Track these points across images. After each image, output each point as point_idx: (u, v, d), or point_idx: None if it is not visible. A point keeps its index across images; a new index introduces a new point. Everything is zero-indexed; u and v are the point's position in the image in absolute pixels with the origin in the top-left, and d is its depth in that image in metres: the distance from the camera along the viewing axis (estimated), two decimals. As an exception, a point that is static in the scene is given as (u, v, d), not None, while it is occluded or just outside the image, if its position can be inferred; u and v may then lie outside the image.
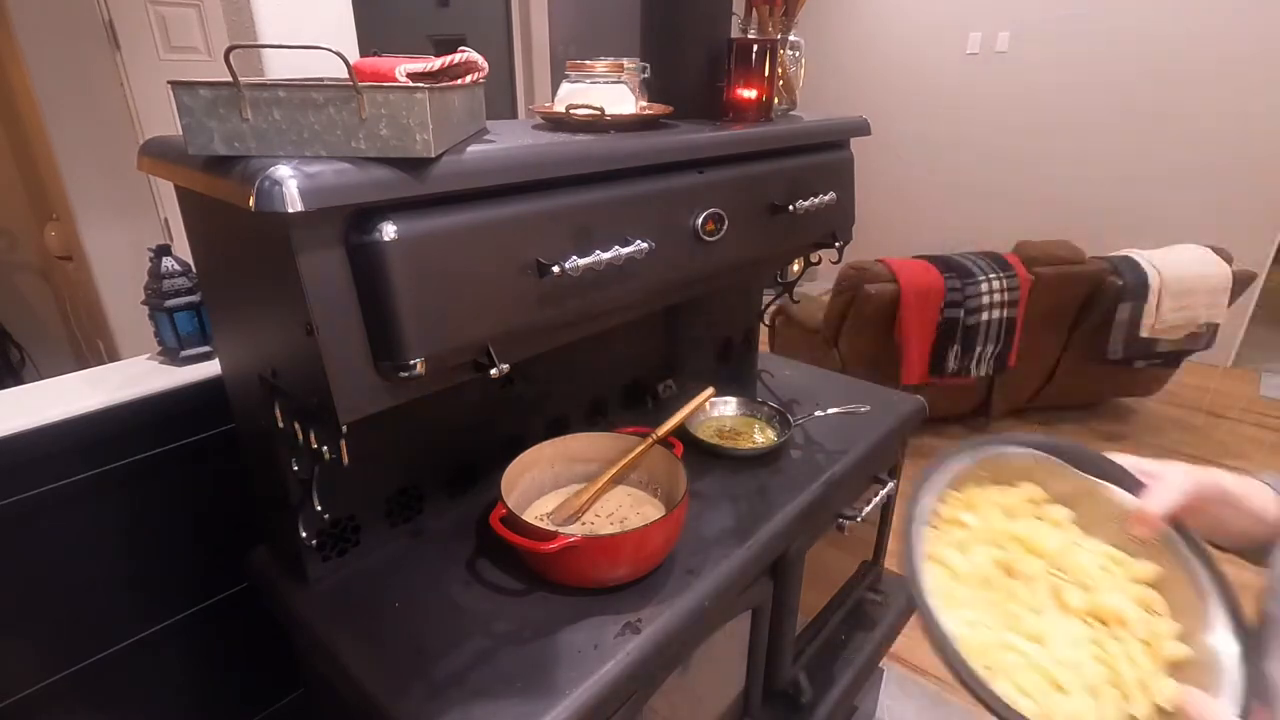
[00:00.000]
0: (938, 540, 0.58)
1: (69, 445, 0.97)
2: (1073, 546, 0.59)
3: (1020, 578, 0.57)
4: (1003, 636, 0.52)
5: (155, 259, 1.10)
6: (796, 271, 1.78)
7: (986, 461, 0.62)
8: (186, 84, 0.60)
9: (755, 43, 1.10)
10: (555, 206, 0.80)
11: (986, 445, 0.63)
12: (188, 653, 1.17)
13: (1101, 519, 0.61)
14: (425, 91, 0.62)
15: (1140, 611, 0.55)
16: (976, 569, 0.57)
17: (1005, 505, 0.61)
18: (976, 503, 0.61)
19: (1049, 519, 0.61)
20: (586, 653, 0.85)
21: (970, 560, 0.57)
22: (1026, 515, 0.61)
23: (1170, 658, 0.52)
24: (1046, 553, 0.58)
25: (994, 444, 0.63)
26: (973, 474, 0.62)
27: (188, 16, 2.32)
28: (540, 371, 1.09)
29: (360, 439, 0.74)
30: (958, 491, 0.62)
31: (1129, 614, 0.55)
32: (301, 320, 0.65)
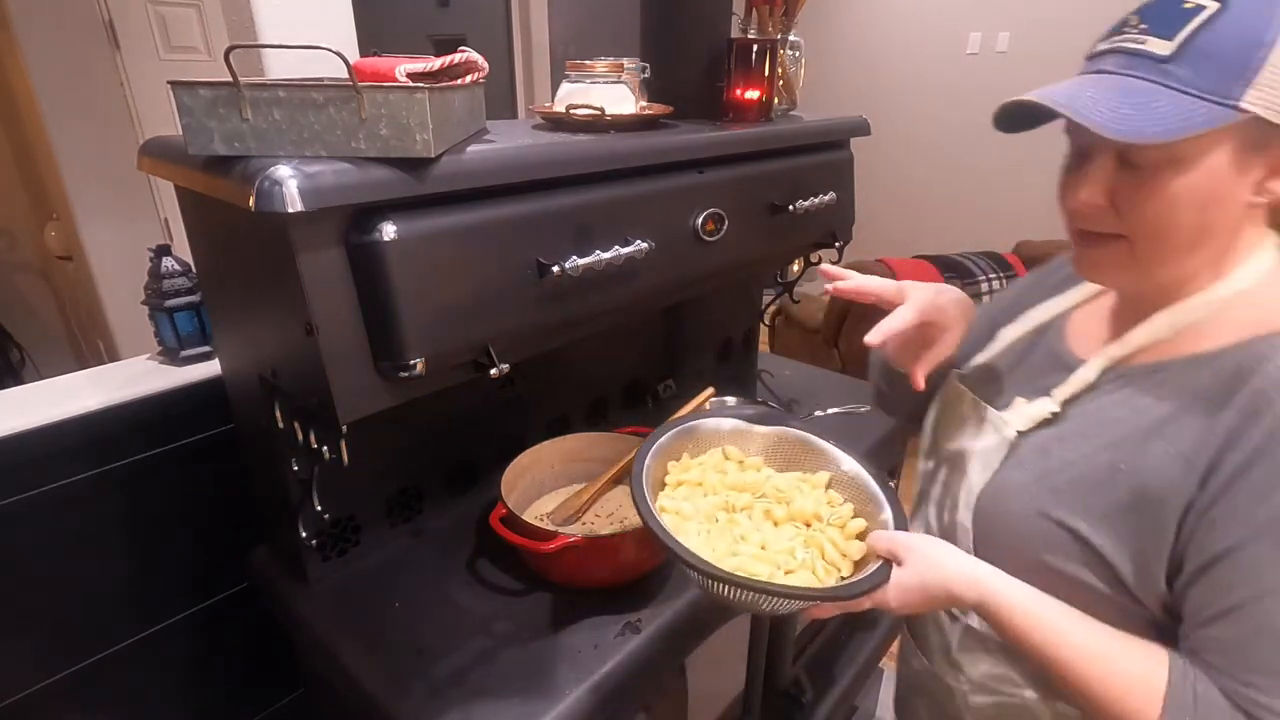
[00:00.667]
0: (670, 497, 0.71)
1: (69, 445, 0.97)
2: (770, 478, 0.76)
3: (738, 510, 0.72)
4: (734, 548, 0.67)
5: (155, 259, 1.10)
6: (796, 271, 1.78)
7: (683, 434, 0.78)
8: (186, 84, 0.60)
9: (755, 43, 1.10)
10: (555, 206, 0.80)
11: (683, 422, 0.79)
12: (188, 653, 1.17)
13: (790, 459, 0.80)
14: (425, 91, 0.62)
15: (827, 507, 0.73)
16: (702, 511, 0.71)
17: (713, 464, 0.77)
18: (690, 466, 0.76)
19: (749, 466, 0.78)
20: (586, 653, 0.85)
21: (696, 506, 0.71)
22: (733, 468, 0.78)
23: (854, 530, 0.70)
24: (749, 485, 0.74)
25: (689, 420, 0.79)
26: (678, 446, 0.77)
27: (188, 16, 2.32)
28: (540, 371, 1.09)
29: (360, 439, 0.74)
30: (675, 461, 0.77)
31: (821, 510, 0.72)
32: (301, 320, 0.65)
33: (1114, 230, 0.55)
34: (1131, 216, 0.53)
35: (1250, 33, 0.47)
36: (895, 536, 0.63)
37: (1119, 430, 0.56)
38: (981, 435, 0.67)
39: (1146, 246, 0.54)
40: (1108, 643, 0.54)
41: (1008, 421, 0.64)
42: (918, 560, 0.60)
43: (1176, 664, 0.52)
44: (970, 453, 0.67)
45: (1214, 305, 0.55)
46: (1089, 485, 0.56)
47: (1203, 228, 0.52)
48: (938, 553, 0.61)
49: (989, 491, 0.63)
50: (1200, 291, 0.55)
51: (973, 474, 0.66)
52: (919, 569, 0.60)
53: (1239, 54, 0.47)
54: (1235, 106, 0.47)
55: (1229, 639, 0.50)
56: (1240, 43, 0.47)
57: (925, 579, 0.59)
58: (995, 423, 0.65)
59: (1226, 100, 0.47)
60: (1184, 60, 0.48)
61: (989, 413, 0.67)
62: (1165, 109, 0.48)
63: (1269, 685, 0.48)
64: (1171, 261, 0.54)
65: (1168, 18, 0.49)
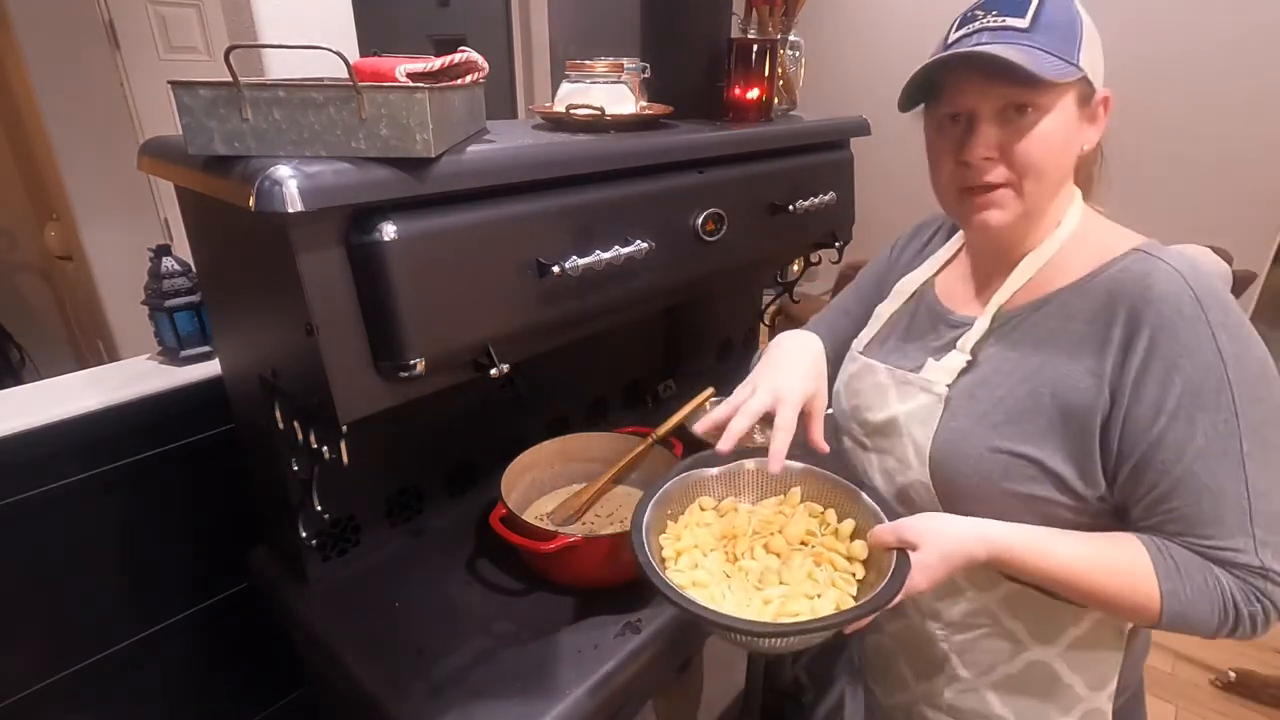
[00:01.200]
0: (680, 572, 0.69)
1: (69, 445, 0.97)
2: (751, 513, 0.77)
3: (740, 557, 0.73)
4: (764, 595, 0.67)
5: (155, 259, 1.10)
6: (796, 271, 1.78)
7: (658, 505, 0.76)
8: (186, 84, 0.60)
9: (755, 43, 1.10)
10: (555, 206, 0.80)
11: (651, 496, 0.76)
12: (188, 653, 1.17)
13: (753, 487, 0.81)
14: (425, 91, 0.62)
15: (815, 520, 0.75)
16: (714, 573, 0.70)
17: (695, 521, 0.77)
18: (679, 534, 0.75)
19: (725, 509, 0.78)
20: (586, 653, 0.85)
21: (708, 570, 0.70)
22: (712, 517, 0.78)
23: (847, 531, 0.72)
24: (737, 529, 0.75)
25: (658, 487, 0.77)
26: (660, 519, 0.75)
27: (188, 16, 2.32)
28: (540, 371, 1.09)
29: (360, 439, 0.74)
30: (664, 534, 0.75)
31: (812, 525, 0.74)
32: (301, 320, 0.65)
33: (1003, 179, 0.65)
34: (1018, 161, 0.63)
35: (1067, 12, 0.61)
36: (898, 526, 0.66)
37: (1029, 363, 0.66)
38: (909, 398, 0.73)
39: (1030, 186, 0.64)
40: (1095, 545, 0.62)
41: (933, 381, 0.71)
42: (930, 538, 0.63)
43: (1149, 542, 0.61)
44: (902, 416, 0.73)
45: (1061, 245, 0.67)
46: (1021, 414, 0.65)
47: (1064, 167, 0.65)
48: (942, 525, 0.65)
49: (938, 444, 0.70)
50: (1047, 238, 0.68)
51: (915, 434, 0.72)
52: (935, 545, 0.63)
53: (1068, 26, 0.61)
54: (1076, 65, 0.60)
55: (1178, 508, 0.60)
56: (1066, 18, 0.61)
57: (944, 551, 0.63)
58: (920, 384, 0.72)
59: (1072, 60, 0.60)
60: (1038, 30, 0.60)
61: (910, 377, 0.74)
62: (1045, 62, 0.59)
63: (1217, 531, 0.59)
64: (1046, 198, 0.66)
65: (1014, 2, 0.62)
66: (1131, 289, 0.61)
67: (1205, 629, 0.60)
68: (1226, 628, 0.60)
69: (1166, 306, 0.59)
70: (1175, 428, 0.59)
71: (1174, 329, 0.59)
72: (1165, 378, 0.59)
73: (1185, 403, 0.58)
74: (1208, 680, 1.83)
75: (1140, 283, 0.61)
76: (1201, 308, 0.58)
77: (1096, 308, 0.63)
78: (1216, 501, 0.59)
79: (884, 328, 0.83)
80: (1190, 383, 0.58)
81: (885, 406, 0.76)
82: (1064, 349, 0.64)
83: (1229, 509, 0.59)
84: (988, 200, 0.66)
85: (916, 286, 0.82)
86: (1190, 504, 0.59)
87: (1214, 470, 0.58)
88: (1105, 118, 0.65)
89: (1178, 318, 0.59)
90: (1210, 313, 0.58)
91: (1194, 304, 0.58)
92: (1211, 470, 0.58)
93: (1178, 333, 0.58)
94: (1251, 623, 0.59)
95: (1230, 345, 0.58)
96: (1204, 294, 0.59)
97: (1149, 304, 0.60)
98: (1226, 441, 0.58)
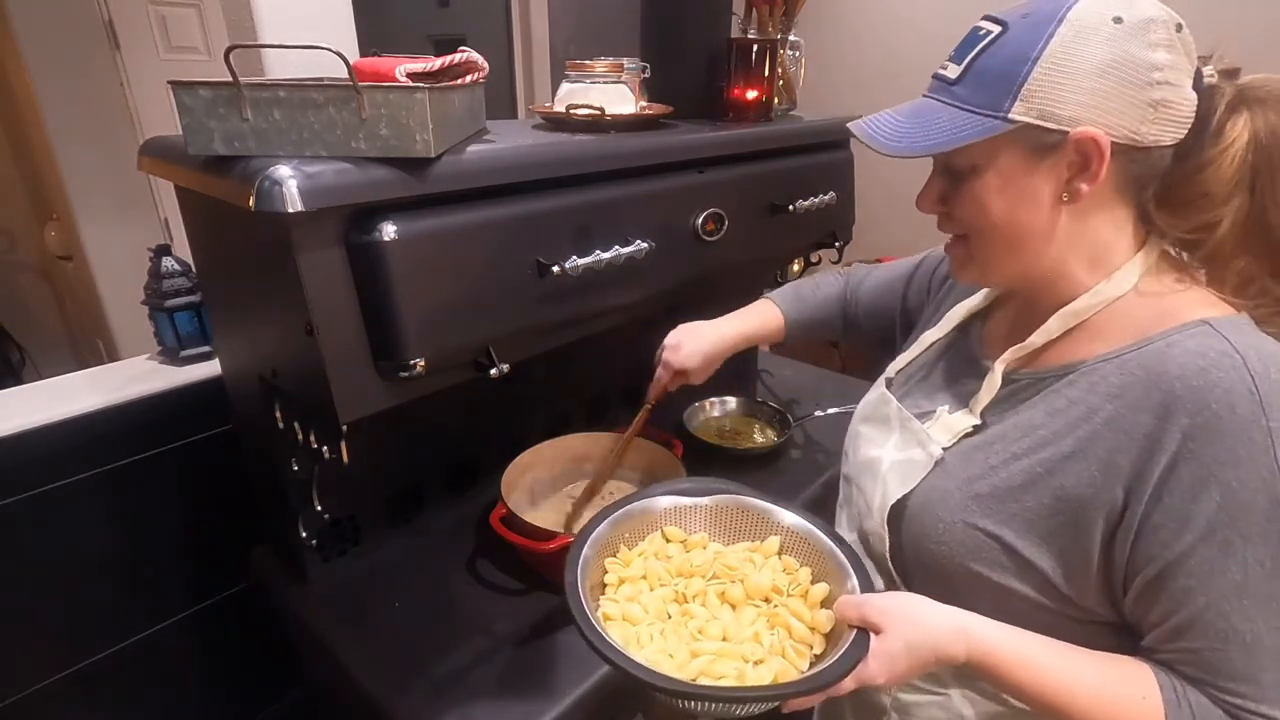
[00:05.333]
0: (613, 600, 0.64)
1: (69, 445, 0.97)
2: (718, 556, 0.69)
3: (690, 600, 0.65)
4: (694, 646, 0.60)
5: (155, 259, 1.10)
6: (796, 271, 1.78)
7: (617, 523, 0.70)
8: (186, 84, 0.60)
9: (755, 43, 1.10)
10: (555, 206, 0.80)
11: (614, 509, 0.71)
12: (188, 653, 1.17)
13: (734, 528, 0.73)
14: (425, 91, 0.62)
15: (784, 576, 0.67)
16: (652, 609, 0.64)
17: (654, 550, 0.70)
18: (630, 560, 0.69)
19: (694, 545, 0.71)
20: (586, 653, 0.85)
21: (644, 604, 0.64)
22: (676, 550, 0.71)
23: (817, 597, 0.64)
24: (697, 569, 0.67)
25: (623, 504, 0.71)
26: (614, 538, 0.70)
27: (188, 16, 2.32)
28: (540, 371, 1.09)
29: (360, 438, 0.74)
30: (613, 557, 0.69)
31: (779, 581, 0.66)
32: (302, 320, 0.65)
33: (956, 231, 0.61)
34: (956, 215, 0.59)
35: (1019, 51, 0.52)
36: (865, 601, 0.58)
37: (1037, 436, 0.57)
38: (905, 447, 0.67)
39: (976, 242, 0.59)
40: (1100, 672, 0.54)
41: (932, 438, 0.64)
42: (897, 623, 0.55)
43: (1164, 681, 0.52)
44: (885, 462, 0.67)
45: (1102, 303, 0.57)
46: (1010, 491, 0.57)
47: (1016, 225, 0.56)
48: (915, 609, 0.56)
49: (919, 504, 0.63)
50: (1086, 294, 0.58)
51: (889, 484, 0.66)
52: (901, 632, 0.55)
53: (1006, 72, 0.52)
54: (1004, 118, 0.52)
55: (1199, 649, 0.50)
56: (1008, 61, 0.52)
57: (910, 641, 0.55)
58: (920, 439, 0.65)
59: (996, 113, 0.52)
60: (966, 81, 0.54)
61: (915, 427, 0.67)
62: (943, 124, 0.54)
63: (1249, 691, 0.49)
64: (1002, 257, 0.59)
65: (966, 45, 0.56)
66: (1175, 369, 0.50)
67: None
68: None
69: (1214, 398, 0.48)
70: (1204, 551, 0.48)
71: (1218, 429, 0.48)
72: (1199, 487, 0.48)
73: (1221, 524, 0.48)
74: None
75: (1188, 364, 0.49)
76: (1263, 408, 0.47)
77: (1129, 384, 0.52)
78: (1250, 654, 0.48)
79: (921, 355, 0.75)
80: (1232, 501, 0.47)
81: (879, 445, 0.70)
82: (1080, 427, 0.54)
83: (1267, 666, 0.48)
84: (949, 252, 0.63)
85: (966, 316, 0.73)
86: (1216, 649, 0.49)
87: (1251, 615, 0.48)
88: (1102, 162, 0.51)
89: (1228, 415, 0.47)
90: (1273, 417, 0.47)
91: (1253, 402, 0.47)
92: (1248, 614, 0.48)
93: (1223, 434, 0.47)
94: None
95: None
96: (1270, 391, 0.47)
97: (1193, 391, 0.48)
98: (1272, 584, 0.48)
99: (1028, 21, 0.52)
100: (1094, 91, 0.51)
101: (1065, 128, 0.51)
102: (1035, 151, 0.54)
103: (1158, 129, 0.52)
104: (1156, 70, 0.51)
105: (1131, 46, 0.50)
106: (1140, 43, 0.50)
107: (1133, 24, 0.50)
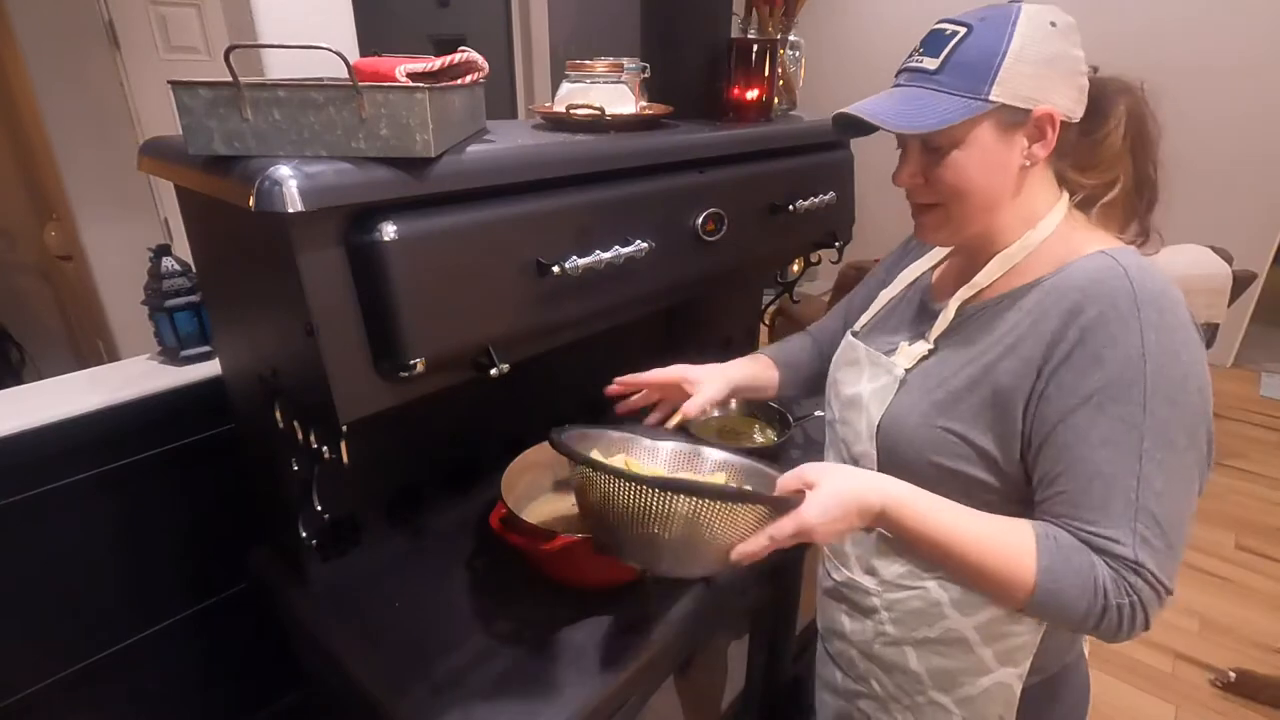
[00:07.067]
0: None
1: (69, 445, 0.97)
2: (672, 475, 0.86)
3: None
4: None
5: (155, 259, 1.10)
6: (796, 271, 1.78)
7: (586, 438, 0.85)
8: (186, 84, 0.60)
9: (755, 43, 1.10)
10: (555, 206, 0.80)
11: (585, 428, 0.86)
12: (188, 652, 1.17)
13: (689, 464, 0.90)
14: (425, 91, 0.62)
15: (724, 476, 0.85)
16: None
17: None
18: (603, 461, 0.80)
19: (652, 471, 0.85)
20: (587, 653, 0.85)
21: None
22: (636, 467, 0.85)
23: None
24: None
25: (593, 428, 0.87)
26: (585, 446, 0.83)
27: (188, 16, 2.32)
28: (540, 371, 1.09)
29: (360, 439, 0.74)
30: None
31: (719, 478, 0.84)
32: (302, 320, 0.65)
33: (932, 200, 0.72)
34: (939, 186, 0.70)
35: (989, 46, 0.64)
36: (803, 469, 0.69)
37: (977, 350, 0.71)
38: (876, 378, 0.80)
39: (955, 207, 0.70)
40: (987, 525, 0.65)
41: (896, 364, 0.78)
42: (828, 477, 0.67)
43: (1037, 526, 0.64)
44: (866, 393, 0.80)
45: (1029, 248, 0.71)
46: (959, 394, 0.70)
47: (990, 189, 0.69)
48: (844, 469, 0.69)
49: (888, 417, 0.76)
50: (1017, 240, 0.71)
51: (871, 409, 0.78)
52: (832, 483, 0.66)
53: (982, 62, 0.64)
54: (985, 99, 0.64)
55: (1068, 490, 0.63)
56: (982, 54, 0.65)
57: (838, 488, 0.66)
58: (886, 365, 0.79)
59: (978, 96, 0.65)
60: (946, 71, 0.66)
61: (880, 359, 0.80)
62: (935, 106, 0.66)
63: (1101, 518, 0.61)
64: (977, 217, 0.71)
65: (936, 43, 0.68)
66: (1077, 285, 0.64)
67: (1074, 611, 0.61)
68: (1094, 616, 0.61)
69: (1104, 301, 0.62)
70: (1083, 412, 0.62)
71: (1106, 323, 0.61)
72: (1087, 367, 0.62)
73: (1098, 392, 0.61)
74: (1207, 680, 1.83)
75: (1087, 279, 0.64)
76: (1138, 305, 0.61)
77: (1043, 300, 0.67)
78: (1107, 489, 0.61)
79: (881, 311, 0.89)
80: (1108, 374, 0.61)
81: (856, 383, 0.82)
82: (1009, 338, 0.68)
83: (1117, 499, 0.60)
84: (923, 218, 0.74)
85: (914, 277, 0.87)
86: (1081, 488, 0.62)
87: (1111, 459, 0.61)
88: (1055, 132, 0.66)
89: (1112, 312, 0.61)
90: (1145, 312, 0.61)
91: (1131, 301, 0.61)
92: (1109, 458, 0.61)
93: (1109, 326, 0.61)
94: (1118, 616, 0.60)
95: (1158, 346, 0.60)
96: (1145, 295, 0.61)
97: (1089, 296, 0.63)
98: (1129, 434, 0.60)
99: (987, 24, 0.65)
100: (1046, 78, 0.65)
101: (1029, 106, 0.65)
102: (1006, 126, 0.66)
103: (1080, 108, 0.68)
104: (1079, 62, 0.67)
105: (1064, 44, 0.66)
106: (1069, 42, 0.66)
107: (1062, 27, 0.66)
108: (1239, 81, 3.41)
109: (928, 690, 0.81)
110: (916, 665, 0.81)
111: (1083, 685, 0.84)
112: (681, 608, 0.93)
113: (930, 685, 0.80)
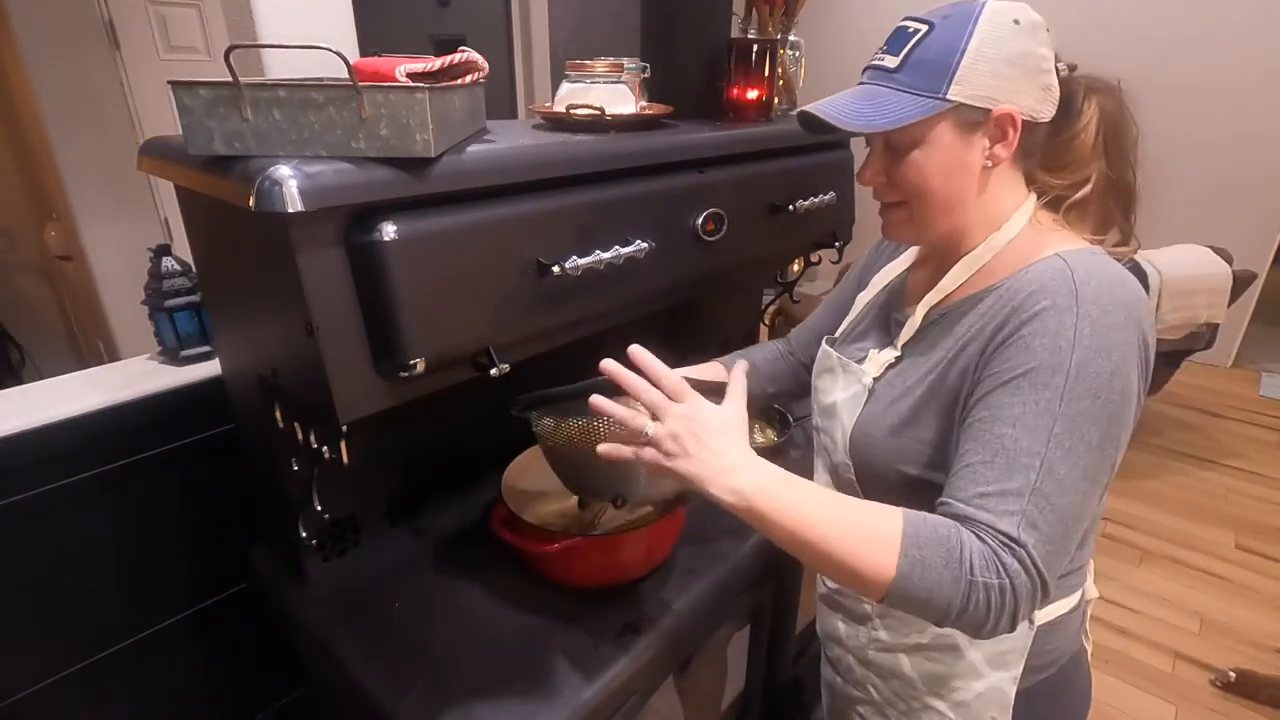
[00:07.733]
0: None
1: (69, 445, 0.97)
2: None
3: None
4: None
5: (155, 259, 1.10)
6: (796, 271, 1.78)
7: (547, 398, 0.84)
8: (186, 84, 0.60)
9: (755, 43, 1.10)
10: (555, 206, 0.80)
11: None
12: (188, 653, 1.17)
13: None
14: (425, 91, 0.62)
15: None
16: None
17: None
18: None
19: None
20: (586, 653, 0.85)
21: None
22: None
23: None
24: None
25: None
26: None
27: (188, 16, 2.32)
28: (540, 371, 1.09)
29: (360, 438, 0.74)
30: None
31: None
32: (302, 320, 0.65)
33: (896, 199, 0.71)
34: (900, 185, 0.70)
35: (948, 45, 0.63)
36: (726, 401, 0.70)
37: (938, 354, 0.71)
38: (849, 386, 0.80)
39: (917, 207, 0.70)
40: (848, 507, 0.61)
41: (865, 372, 0.78)
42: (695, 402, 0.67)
43: (910, 514, 0.59)
44: (840, 402, 0.80)
45: (994, 249, 0.70)
46: (923, 400, 0.70)
47: (951, 189, 0.68)
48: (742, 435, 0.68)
49: (857, 427, 0.76)
50: (982, 244, 0.71)
51: (844, 418, 0.78)
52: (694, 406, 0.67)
53: (941, 61, 0.63)
54: (943, 98, 0.63)
55: (973, 463, 0.61)
56: (941, 53, 0.63)
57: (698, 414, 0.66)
58: (857, 374, 0.79)
59: (935, 95, 0.63)
60: (905, 69, 0.65)
61: (852, 366, 0.80)
62: (893, 105, 0.65)
63: (996, 490, 0.58)
64: (939, 217, 0.70)
65: (898, 40, 0.67)
66: (1025, 287, 0.64)
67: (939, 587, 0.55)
68: (960, 596, 0.55)
69: (1045, 298, 0.62)
70: (1002, 392, 0.61)
71: (1042, 316, 0.61)
72: (1015, 353, 0.62)
73: (1017, 375, 0.61)
74: (1207, 680, 1.83)
75: (1032, 281, 0.64)
76: (1077, 301, 0.60)
77: (995, 304, 0.66)
78: (1009, 465, 0.59)
79: (857, 316, 0.88)
80: (1035, 359, 0.60)
81: (831, 391, 0.82)
82: (965, 341, 0.68)
83: (1016, 476, 0.58)
84: (888, 216, 0.74)
85: (890, 279, 0.87)
86: (984, 460, 0.60)
87: (1018, 436, 0.59)
88: (1016, 133, 0.65)
89: (1050, 307, 0.61)
90: (1084, 307, 0.60)
91: (1070, 296, 0.61)
92: (1016, 436, 0.59)
93: (1044, 318, 0.61)
94: (985, 599, 0.55)
95: (1090, 339, 0.59)
96: (1088, 293, 0.60)
97: (1030, 296, 0.63)
98: (1042, 417, 0.59)
99: (949, 22, 0.64)
100: (1008, 77, 0.64)
101: (988, 106, 0.64)
102: (966, 126, 0.65)
103: (1047, 108, 0.67)
104: (1045, 61, 0.66)
105: (1029, 43, 0.64)
106: (1034, 40, 0.65)
107: (1027, 25, 0.64)
108: (1240, 84, 3.41)
109: (922, 695, 0.81)
110: (910, 671, 0.81)
111: (1084, 685, 0.84)
112: (682, 607, 0.93)
113: (924, 690, 0.80)
